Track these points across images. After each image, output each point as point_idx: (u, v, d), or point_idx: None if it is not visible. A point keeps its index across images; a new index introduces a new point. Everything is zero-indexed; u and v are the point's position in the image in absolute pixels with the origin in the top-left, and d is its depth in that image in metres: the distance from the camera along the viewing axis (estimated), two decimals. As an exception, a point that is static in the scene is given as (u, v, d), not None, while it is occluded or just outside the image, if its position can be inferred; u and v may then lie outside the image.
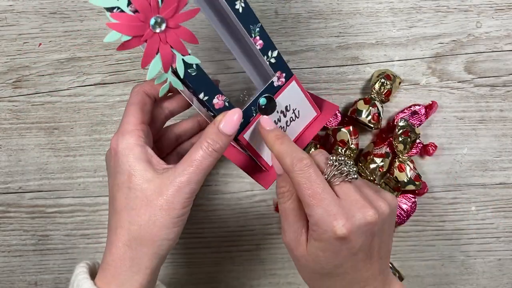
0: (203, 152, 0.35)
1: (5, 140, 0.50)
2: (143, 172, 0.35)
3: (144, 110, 0.38)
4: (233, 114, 0.35)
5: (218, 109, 0.36)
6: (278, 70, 0.39)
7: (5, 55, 0.49)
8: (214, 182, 0.51)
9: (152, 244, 0.34)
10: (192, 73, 0.34)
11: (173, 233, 0.35)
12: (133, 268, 0.34)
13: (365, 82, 0.50)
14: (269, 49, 0.38)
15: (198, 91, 0.35)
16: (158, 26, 0.30)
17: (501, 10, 0.49)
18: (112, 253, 0.35)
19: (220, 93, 0.36)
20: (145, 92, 0.38)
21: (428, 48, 0.50)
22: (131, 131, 0.36)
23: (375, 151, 0.47)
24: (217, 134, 0.35)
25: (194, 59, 0.33)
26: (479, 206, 0.51)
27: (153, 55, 0.31)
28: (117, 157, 0.36)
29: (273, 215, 0.51)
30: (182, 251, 0.51)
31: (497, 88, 0.50)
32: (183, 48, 0.32)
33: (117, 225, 0.35)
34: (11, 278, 0.51)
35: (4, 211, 0.50)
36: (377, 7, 0.49)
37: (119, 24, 0.29)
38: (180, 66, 0.33)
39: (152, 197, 0.34)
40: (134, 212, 0.34)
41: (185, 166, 0.34)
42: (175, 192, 0.34)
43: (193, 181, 0.34)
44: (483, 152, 0.51)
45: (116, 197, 0.36)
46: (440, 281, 0.52)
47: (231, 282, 0.51)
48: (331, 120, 0.49)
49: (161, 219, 0.34)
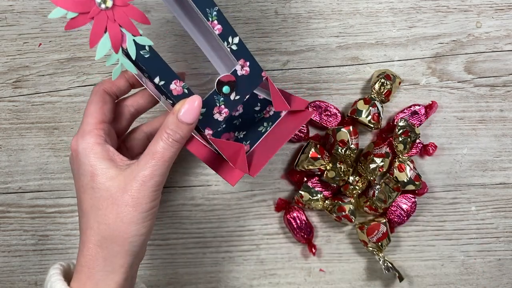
0: (163, 143, 0.34)
1: (5, 140, 0.50)
2: (105, 170, 0.34)
3: (104, 109, 0.37)
4: (193, 102, 0.34)
5: (177, 95, 0.35)
6: (241, 58, 0.37)
7: (5, 55, 0.49)
8: (214, 182, 0.51)
9: (123, 242, 0.34)
10: (145, 55, 0.33)
11: (144, 227, 0.34)
12: (107, 267, 0.34)
13: (365, 82, 0.50)
14: (229, 35, 0.36)
15: (153, 75, 0.34)
16: (103, 2, 0.30)
17: (501, 10, 0.49)
18: (84, 255, 0.34)
19: (178, 79, 0.35)
20: (104, 90, 0.38)
21: (428, 48, 0.50)
22: (90, 131, 0.36)
23: (375, 151, 0.47)
24: (176, 123, 0.34)
25: (147, 40, 0.32)
26: (479, 206, 0.51)
27: (101, 34, 0.30)
28: (78, 158, 0.35)
29: (273, 215, 0.51)
30: (182, 251, 0.51)
31: (497, 88, 0.50)
32: (133, 28, 0.32)
33: (86, 226, 0.35)
34: (11, 278, 0.51)
35: (4, 211, 0.50)
36: (377, 7, 0.49)
37: (64, 0, 0.28)
38: (131, 46, 0.32)
39: (117, 194, 0.34)
40: (101, 212, 0.34)
41: (147, 159, 0.34)
42: (140, 186, 0.33)
43: (156, 174, 0.34)
44: (483, 152, 0.51)
45: (82, 198, 0.35)
46: (440, 281, 0.52)
47: (231, 282, 0.51)
48: (331, 120, 0.49)
49: (129, 215, 0.33)
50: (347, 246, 0.51)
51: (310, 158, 0.47)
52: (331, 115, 0.49)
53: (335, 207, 0.48)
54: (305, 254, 0.51)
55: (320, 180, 0.49)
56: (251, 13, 0.49)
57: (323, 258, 0.51)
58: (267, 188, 0.51)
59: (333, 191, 0.49)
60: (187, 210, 0.51)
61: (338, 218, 0.48)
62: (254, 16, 0.49)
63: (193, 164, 0.50)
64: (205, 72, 0.49)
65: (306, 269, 0.51)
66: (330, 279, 0.52)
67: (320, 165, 0.47)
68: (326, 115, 0.49)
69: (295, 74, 0.50)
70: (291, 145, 0.50)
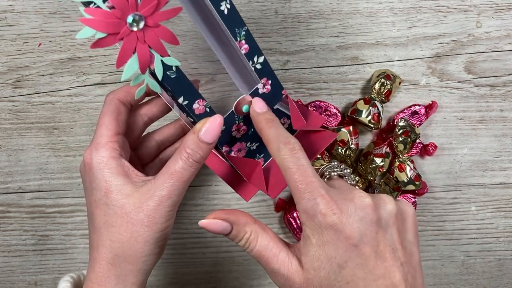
0: (183, 163, 0.33)
1: (5, 140, 0.50)
2: (121, 186, 0.33)
3: (118, 120, 0.35)
4: (214, 121, 0.33)
5: (199, 114, 0.34)
6: (264, 77, 0.37)
7: (5, 55, 0.49)
8: (214, 182, 0.51)
9: (136, 261, 0.33)
10: (171, 75, 0.32)
11: (158, 247, 0.34)
12: (119, 285, 0.33)
13: (365, 82, 0.50)
14: (255, 54, 0.36)
15: (177, 95, 0.33)
16: (136, 24, 0.29)
17: (501, 10, 0.49)
18: (96, 271, 0.34)
19: (201, 98, 0.34)
20: (119, 99, 0.36)
21: (428, 48, 0.50)
22: (105, 143, 0.34)
23: (375, 151, 0.47)
24: (197, 143, 0.33)
25: (174, 61, 0.32)
26: (479, 206, 0.51)
27: (129, 54, 0.29)
28: (92, 173, 0.34)
29: (273, 215, 0.51)
30: (182, 251, 0.51)
31: (497, 88, 0.50)
32: (163, 49, 0.31)
33: (98, 243, 0.34)
34: (11, 278, 0.51)
35: (4, 211, 0.50)
36: (377, 7, 0.49)
37: (94, 20, 0.27)
38: (159, 67, 0.31)
39: (132, 213, 0.33)
40: (114, 229, 0.33)
41: (165, 178, 0.33)
42: (156, 206, 0.32)
43: (174, 194, 0.33)
44: (483, 152, 0.51)
45: (95, 213, 0.34)
46: (440, 281, 0.52)
47: (231, 282, 0.51)
48: (331, 120, 0.49)
49: (144, 234, 0.33)
50: (347, 246, 0.51)
51: (310, 158, 0.47)
52: (331, 115, 0.49)
53: (335, 207, 0.48)
54: (305, 254, 0.51)
55: (320, 180, 0.49)
56: (251, 13, 0.49)
57: (323, 258, 0.51)
58: (267, 188, 0.51)
59: (333, 191, 0.49)
60: (187, 210, 0.51)
61: (338, 218, 0.48)
62: (254, 16, 0.49)
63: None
64: (205, 72, 0.49)
65: (306, 269, 0.51)
66: (330, 279, 0.52)
67: (320, 165, 0.47)
68: (326, 115, 0.49)
69: (295, 74, 0.50)
70: (291, 145, 0.50)
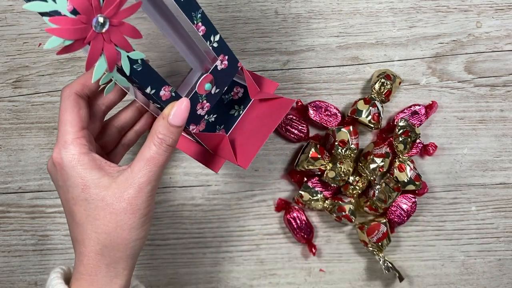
0: (156, 148, 0.34)
1: (5, 140, 0.50)
2: (97, 180, 0.34)
3: (80, 114, 0.36)
4: (181, 105, 0.34)
5: (165, 100, 0.35)
6: (221, 54, 0.38)
7: (5, 55, 0.49)
8: (214, 182, 0.51)
9: (125, 248, 0.34)
10: (137, 68, 0.33)
11: (143, 231, 0.35)
12: (110, 272, 0.34)
13: (365, 82, 0.50)
14: (211, 34, 0.37)
15: (145, 86, 0.34)
16: (102, 26, 0.29)
17: (501, 10, 0.49)
18: (85, 264, 0.34)
19: (167, 84, 0.35)
20: (77, 93, 0.36)
21: (428, 48, 0.50)
22: (73, 140, 0.34)
23: (375, 151, 0.47)
24: (167, 128, 0.34)
25: (139, 54, 0.32)
26: (479, 206, 0.51)
27: (97, 56, 0.29)
28: (64, 171, 0.34)
29: (273, 215, 0.51)
30: (182, 251, 0.51)
31: (497, 88, 0.50)
32: (128, 45, 0.31)
33: (84, 237, 0.34)
34: (11, 278, 0.51)
35: (4, 211, 0.50)
36: (377, 7, 0.49)
37: (60, 29, 0.27)
38: (126, 63, 0.32)
39: (114, 203, 0.33)
40: (99, 222, 0.34)
41: (142, 166, 0.34)
42: (137, 193, 0.33)
43: (152, 179, 0.34)
44: (483, 152, 0.51)
45: (74, 210, 0.35)
46: (440, 281, 0.52)
47: (231, 282, 0.51)
48: (331, 120, 0.49)
49: (129, 222, 0.34)
50: (347, 246, 0.51)
51: (310, 158, 0.47)
52: (331, 115, 0.49)
53: (335, 207, 0.48)
54: (305, 254, 0.51)
55: (320, 180, 0.49)
56: (251, 13, 0.49)
57: (323, 258, 0.51)
58: (267, 188, 0.51)
59: (333, 191, 0.49)
60: (187, 210, 0.51)
61: (338, 218, 0.48)
62: (254, 16, 0.49)
63: (193, 164, 0.50)
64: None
65: (306, 269, 0.51)
66: (330, 279, 0.52)
67: (320, 165, 0.47)
68: (326, 115, 0.49)
69: (295, 74, 0.50)
70: (291, 145, 0.50)
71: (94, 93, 0.38)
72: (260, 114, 0.42)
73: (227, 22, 0.49)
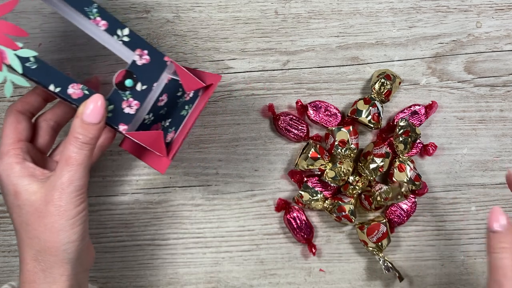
0: (74, 147, 0.34)
1: None
2: (27, 186, 0.35)
3: (18, 128, 0.37)
4: (95, 101, 0.34)
5: (77, 99, 0.35)
6: (137, 48, 0.37)
7: (5, 55, 0.49)
8: (214, 182, 0.51)
9: (57, 251, 0.34)
10: (31, 66, 0.32)
11: (74, 234, 0.35)
12: (48, 279, 0.35)
13: (365, 82, 0.50)
14: (117, 28, 0.36)
15: (46, 84, 0.33)
16: None
17: (501, 10, 0.49)
18: (24, 272, 0.35)
19: (74, 82, 0.34)
20: (17, 110, 0.38)
21: (428, 48, 0.50)
22: (7, 151, 0.36)
23: (375, 151, 0.47)
24: (83, 126, 0.34)
25: (29, 51, 0.32)
26: (479, 206, 0.51)
27: None
28: (1, 180, 0.36)
29: (273, 215, 0.51)
30: (182, 251, 0.51)
31: (497, 88, 0.50)
32: (11, 43, 0.31)
33: (20, 244, 0.36)
34: (11, 278, 0.51)
35: (4, 211, 0.50)
36: (377, 7, 0.49)
37: None
38: (15, 61, 0.31)
39: (41, 207, 0.34)
40: (30, 227, 0.35)
41: (62, 166, 0.34)
42: (60, 195, 0.34)
43: (74, 179, 0.34)
44: (483, 152, 0.51)
45: (12, 217, 0.36)
46: (440, 281, 0.52)
47: (231, 282, 0.51)
48: (331, 120, 0.49)
49: (56, 224, 0.34)
50: (347, 246, 0.51)
51: (310, 158, 0.47)
52: (331, 115, 0.49)
53: (335, 207, 0.48)
54: (305, 254, 0.51)
55: (320, 180, 0.49)
56: (251, 13, 0.49)
57: (323, 258, 0.51)
58: (267, 188, 0.51)
59: (333, 191, 0.49)
60: (187, 210, 0.51)
61: (338, 218, 0.48)
62: (254, 16, 0.49)
63: (193, 164, 0.50)
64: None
65: (306, 269, 0.51)
66: (330, 279, 0.52)
67: (320, 165, 0.47)
68: (326, 115, 0.49)
69: (295, 74, 0.50)
70: (291, 145, 0.50)
71: (38, 109, 0.40)
72: (200, 106, 0.41)
73: (227, 22, 0.49)
